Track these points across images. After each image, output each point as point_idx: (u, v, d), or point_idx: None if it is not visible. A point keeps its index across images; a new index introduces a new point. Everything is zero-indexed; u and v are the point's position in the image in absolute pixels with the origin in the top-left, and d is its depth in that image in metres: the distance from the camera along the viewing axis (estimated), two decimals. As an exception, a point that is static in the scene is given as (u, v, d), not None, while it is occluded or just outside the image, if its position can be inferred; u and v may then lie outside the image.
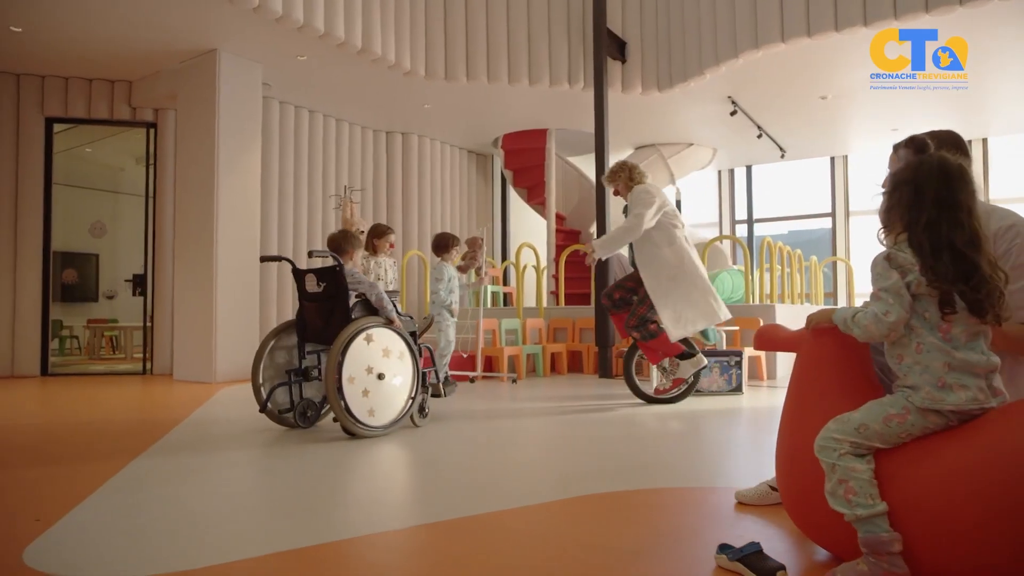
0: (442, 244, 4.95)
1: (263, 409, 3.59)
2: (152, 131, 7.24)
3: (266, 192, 7.33)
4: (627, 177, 4.53)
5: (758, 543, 1.59)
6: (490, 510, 2.12)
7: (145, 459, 2.91)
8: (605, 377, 6.44)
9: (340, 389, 3.27)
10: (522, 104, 8.02)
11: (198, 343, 6.27)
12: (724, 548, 1.62)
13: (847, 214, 10.79)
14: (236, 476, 2.69)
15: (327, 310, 3.55)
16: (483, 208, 10.49)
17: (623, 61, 7.36)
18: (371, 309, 3.64)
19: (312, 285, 3.59)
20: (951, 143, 2.20)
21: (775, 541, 1.81)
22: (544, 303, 7.83)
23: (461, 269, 5.49)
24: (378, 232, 4.86)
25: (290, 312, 7.59)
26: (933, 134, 2.13)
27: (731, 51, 6.43)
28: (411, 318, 3.87)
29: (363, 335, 3.43)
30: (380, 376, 3.46)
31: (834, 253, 10.74)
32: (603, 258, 4.54)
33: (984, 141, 9.65)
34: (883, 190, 1.69)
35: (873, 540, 1.44)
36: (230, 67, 6.31)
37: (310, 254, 3.64)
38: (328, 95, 7.57)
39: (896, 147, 2.21)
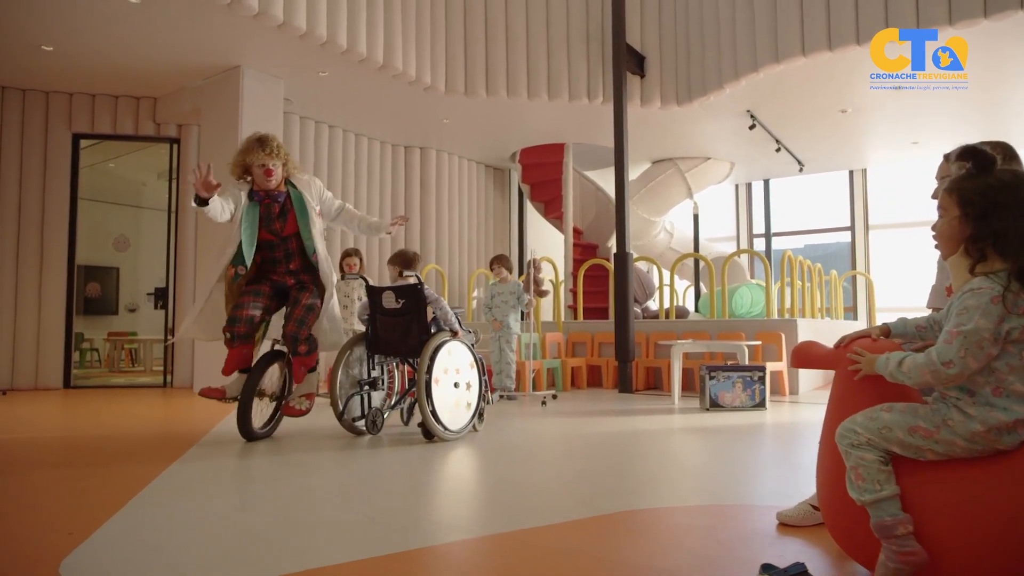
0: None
1: (340, 418, 3.79)
2: (175, 146, 7.33)
3: (286, 206, 7.39)
4: (290, 163, 3.78)
5: (803, 563, 1.56)
6: (518, 528, 2.10)
7: (174, 471, 2.92)
8: (625, 392, 6.39)
9: (430, 394, 3.52)
10: (540, 119, 8.05)
11: (218, 356, 6.27)
12: (767, 568, 1.59)
13: (867, 227, 10.70)
14: (266, 487, 2.68)
15: (404, 324, 3.76)
16: (500, 222, 10.52)
17: (642, 76, 7.38)
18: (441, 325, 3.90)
19: (391, 301, 3.80)
20: (1011, 155, 2.13)
21: (817, 561, 1.77)
22: (562, 317, 7.81)
23: (539, 293, 5.95)
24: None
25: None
26: (991, 144, 2.00)
27: (751, 65, 6.42)
28: (471, 332, 4.08)
29: (446, 347, 3.69)
30: (456, 385, 3.74)
31: (853, 267, 10.65)
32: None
33: (1007, 154, 9.55)
34: (958, 209, 1.49)
35: (879, 524, 1.46)
36: (253, 83, 6.39)
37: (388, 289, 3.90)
38: (348, 110, 7.64)
39: (949, 156, 2.11)
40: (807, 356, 1.93)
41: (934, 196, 2.12)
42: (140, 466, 3.06)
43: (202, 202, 3.39)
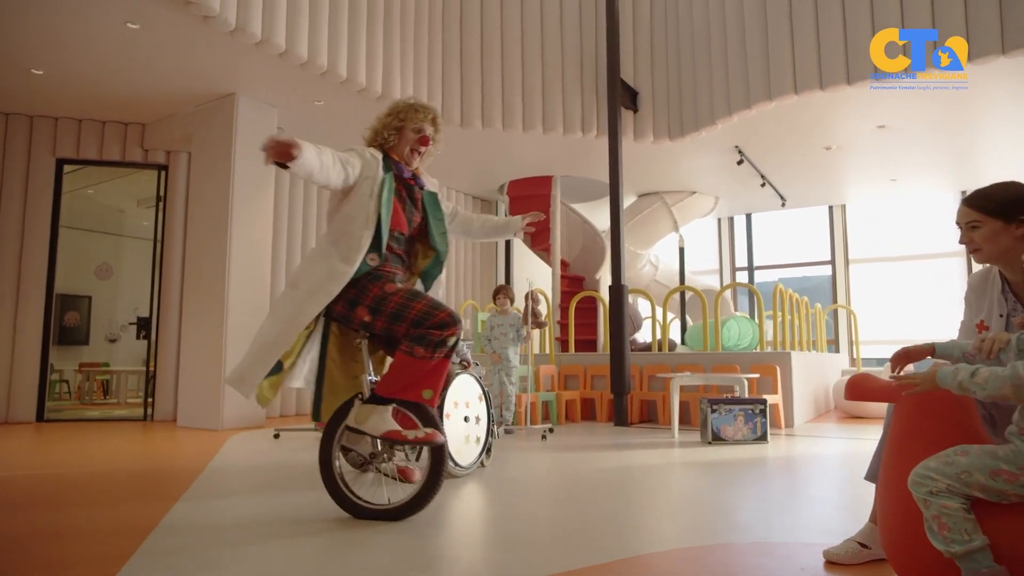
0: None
1: (346, 453, 3.66)
2: (163, 173, 7.19)
3: (276, 235, 7.27)
4: (431, 153, 2.91)
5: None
6: (563, 569, 2.01)
7: (177, 512, 2.77)
8: (621, 425, 6.33)
9: (440, 428, 3.43)
10: (529, 151, 8.10)
11: (205, 389, 6.10)
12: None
13: (847, 262, 10.91)
14: (280, 527, 2.55)
15: None
16: (487, 254, 10.49)
17: (635, 111, 7.48)
18: None
19: None
20: None
21: (882, 602, 1.72)
22: (550, 349, 7.76)
23: (537, 325, 5.84)
24: None
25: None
26: None
27: (743, 101, 6.55)
28: (477, 364, 4.02)
29: (457, 380, 3.62)
30: (466, 419, 3.65)
31: (834, 300, 10.82)
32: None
33: (979, 192, 9.86)
34: None
35: None
36: (247, 111, 6.33)
37: None
38: (341, 140, 7.56)
39: (967, 200, 2.10)
40: (863, 389, 1.91)
41: (962, 241, 2.12)
42: (143, 505, 2.91)
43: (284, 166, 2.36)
